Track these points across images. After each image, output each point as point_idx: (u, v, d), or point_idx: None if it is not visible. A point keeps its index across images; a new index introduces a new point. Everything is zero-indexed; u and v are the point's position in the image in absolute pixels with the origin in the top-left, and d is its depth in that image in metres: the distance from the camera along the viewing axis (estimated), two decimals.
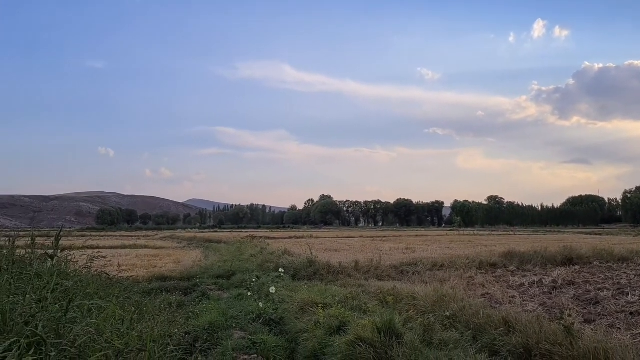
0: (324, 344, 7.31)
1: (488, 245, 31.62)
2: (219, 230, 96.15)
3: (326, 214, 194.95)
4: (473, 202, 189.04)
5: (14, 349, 3.36)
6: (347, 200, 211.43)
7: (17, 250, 7.62)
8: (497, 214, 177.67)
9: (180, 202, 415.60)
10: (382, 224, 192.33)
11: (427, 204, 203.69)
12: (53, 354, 3.00)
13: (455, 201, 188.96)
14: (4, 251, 7.36)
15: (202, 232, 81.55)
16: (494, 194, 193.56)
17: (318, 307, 8.97)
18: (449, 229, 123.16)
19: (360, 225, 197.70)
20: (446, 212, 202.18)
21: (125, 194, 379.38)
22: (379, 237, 53.86)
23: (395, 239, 47.26)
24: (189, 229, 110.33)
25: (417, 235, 58.48)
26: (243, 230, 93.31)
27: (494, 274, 15.96)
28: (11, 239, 7.82)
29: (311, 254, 17.63)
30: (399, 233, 74.50)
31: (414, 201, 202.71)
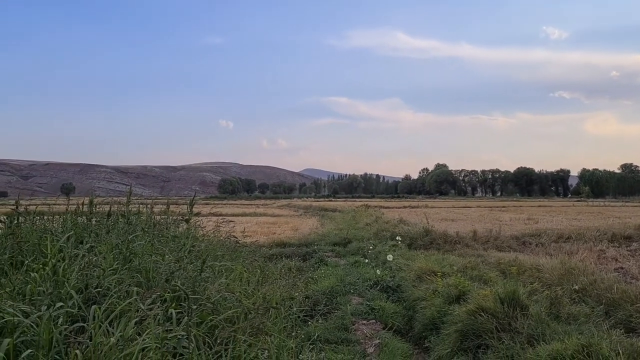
0: (442, 312, 7.24)
1: (621, 217, 29.13)
2: (333, 200, 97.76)
3: (441, 183, 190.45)
4: (604, 170, 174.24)
5: (158, 302, 3.68)
6: (463, 169, 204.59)
7: (154, 216, 8.32)
8: (632, 183, 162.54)
9: (296, 171, 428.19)
10: (501, 194, 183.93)
11: (551, 172, 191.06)
12: (194, 307, 3.25)
13: (583, 170, 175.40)
14: (142, 217, 8.07)
15: (317, 201, 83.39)
16: (629, 162, 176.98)
17: (436, 275, 8.87)
18: (575, 199, 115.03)
19: (477, 195, 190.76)
20: (572, 182, 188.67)
21: (245, 164, 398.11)
22: (497, 207, 51.79)
23: (515, 209, 45.18)
24: (305, 198, 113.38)
25: (539, 206, 55.33)
26: (357, 200, 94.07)
27: (628, 248, 14.73)
28: (149, 205, 8.57)
29: (427, 223, 17.41)
30: (520, 203, 71.01)
31: (536, 170, 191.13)
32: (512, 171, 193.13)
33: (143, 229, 6.53)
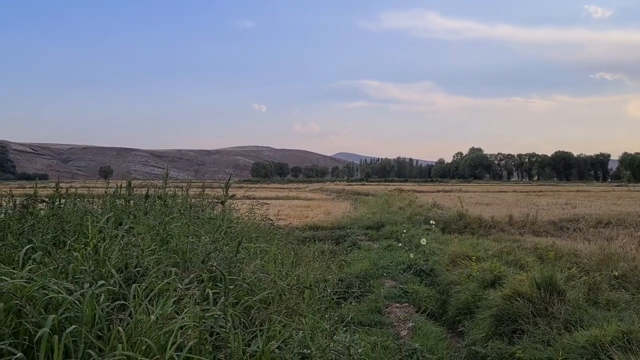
0: (477, 297, 7.18)
1: None
2: (366, 183, 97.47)
3: (476, 167, 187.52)
4: None
5: (195, 283, 3.76)
6: (498, 153, 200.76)
7: (189, 199, 8.46)
8: None
9: (329, 155, 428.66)
10: (538, 179, 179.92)
11: (590, 156, 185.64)
12: (231, 287, 3.31)
13: (625, 154, 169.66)
14: (178, 200, 8.21)
15: (350, 184, 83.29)
16: None
17: (470, 260, 8.79)
18: (615, 184, 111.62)
19: (512, 179, 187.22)
20: (612, 166, 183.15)
21: (277, 147, 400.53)
22: (534, 191, 50.73)
23: (552, 194, 44.18)
24: (337, 182, 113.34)
25: (577, 191, 53.94)
26: (390, 184, 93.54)
27: None
28: (185, 188, 8.70)
29: (461, 207, 17.22)
30: (557, 188, 69.40)
31: (575, 154, 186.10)
32: (549, 155, 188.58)
33: (179, 210, 6.64)
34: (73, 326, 2.85)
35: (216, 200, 7.38)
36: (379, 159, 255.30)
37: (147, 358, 2.91)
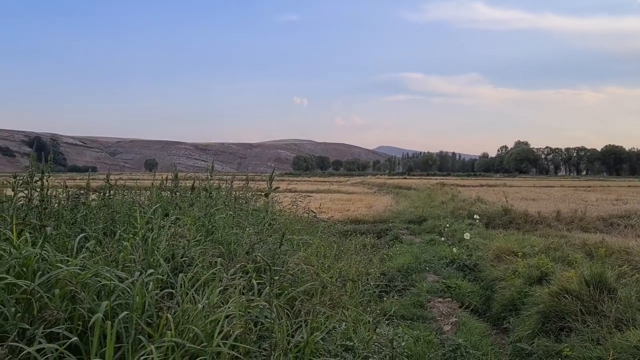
0: (522, 293, 7.04)
1: None
2: (407, 177, 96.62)
3: (521, 161, 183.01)
4: None
5: (240, 273, 3.82)
6: (546, 147, 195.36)
7: (233, 191, 8.60)
8: None
9: (370, 148, 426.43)
10: (587, 173, 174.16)
11: None
12: (276, 277, 3.35)
13: None
14: (222, 192, 8.35)
15: (392, 178, 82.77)
16: None
17: (516, 255, 8.61)
18: None
19: (560, 173, 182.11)
20: None
21: (319, 141, 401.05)
22: (582, 186, 49.16)
23: (602, 189, 42.71)
24: (379, 175, 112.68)
25: (629, 186, 51.95)
26: (432, 178, 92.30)
27: None
28: (229, 180, 8.85)
29: (506, 201, 16.87)
30: (607, 183, 67.07)
31: (626, 148, 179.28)
32: (599, 149, 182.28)
33: (224, 202, 6.76)
34: (125, 312, 2.94)
35: (260, 193, 7.49)
36: (421, 152, 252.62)
37: (194, 345, 2.98)
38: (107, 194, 6.91)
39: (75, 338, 2.77)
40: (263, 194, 6.30)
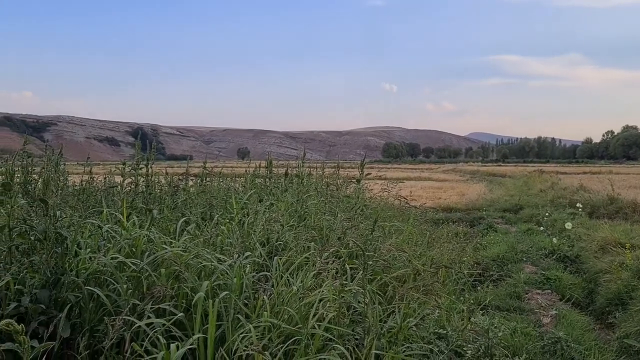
0: (630, 287, 6.57)
1: None
2: (502, 164, 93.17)
3: (629, 147, 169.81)
4: None
5: (332, 258, 3.87)
6: None
7: (323, 178, 8.72)
8: None
9: (462, 135, 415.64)
10: None
11: None
12: (370, 262, 3.36)
13: None
14: (313, 179, 8.48)
15: (485, 165, 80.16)
16: None
17: (624, 247, 8.05)
18: None
19: None
20: None
21: (409, 128, 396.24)
22: None
23: None
24: (471, 163, 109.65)
25: None
26: (529, 165, 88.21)
27: None
28: (319, 168, 8.98)
29: (612, 190, 15.80)
30: None
31: None
32: None
33: (316, 188, 6.86)
34: (225, 292, 3.08)
35: (350, 180, 7.54)
36: (517, 138, 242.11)
37: (290, 326, 3.07)
38: (204, 181, 7.25)
39: (182, 314, 2.93)
40: (354, 180, 6.30)
